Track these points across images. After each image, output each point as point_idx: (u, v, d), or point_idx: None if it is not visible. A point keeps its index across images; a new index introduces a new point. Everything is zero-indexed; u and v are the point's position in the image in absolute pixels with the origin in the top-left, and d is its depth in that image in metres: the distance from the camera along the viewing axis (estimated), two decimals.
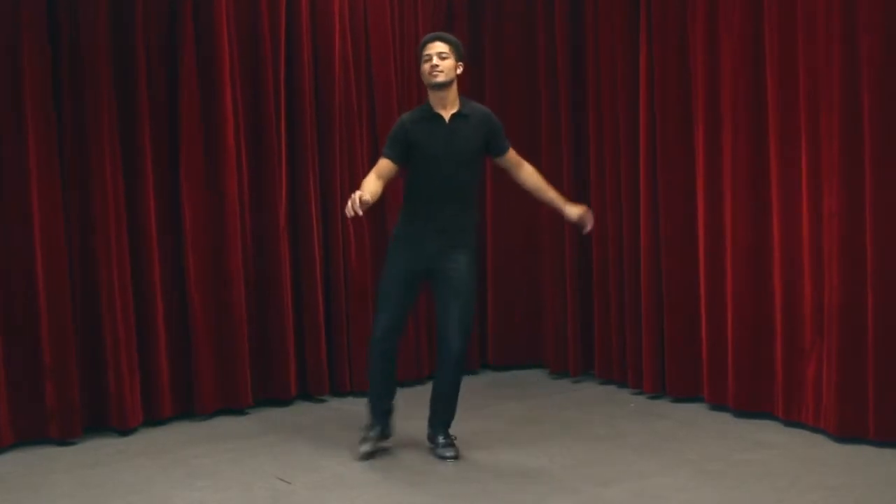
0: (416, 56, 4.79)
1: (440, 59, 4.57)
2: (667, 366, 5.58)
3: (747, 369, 5.14)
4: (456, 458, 4.67)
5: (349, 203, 4.28)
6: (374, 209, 5.98)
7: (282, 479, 4.47)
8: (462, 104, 4.65)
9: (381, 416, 4.83)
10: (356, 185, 5.85)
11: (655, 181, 5.57)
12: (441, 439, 4.75)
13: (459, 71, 4.65)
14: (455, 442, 4.75)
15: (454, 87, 4.62)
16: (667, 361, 5.58)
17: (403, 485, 4.37)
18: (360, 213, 4.29)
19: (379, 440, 4.81)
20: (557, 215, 6.11)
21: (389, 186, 4.76)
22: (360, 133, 5.95)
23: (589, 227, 4.89)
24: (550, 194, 4.89)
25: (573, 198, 6.01)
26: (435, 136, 4.59)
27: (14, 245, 5.00)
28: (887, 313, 4.56)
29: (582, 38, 6.02)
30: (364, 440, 4.79)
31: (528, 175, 4.86)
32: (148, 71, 5.29)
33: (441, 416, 4.79)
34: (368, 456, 4.72)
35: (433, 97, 4.63)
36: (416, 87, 6.14)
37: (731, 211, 5.15)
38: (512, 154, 4.82)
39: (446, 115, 4.62)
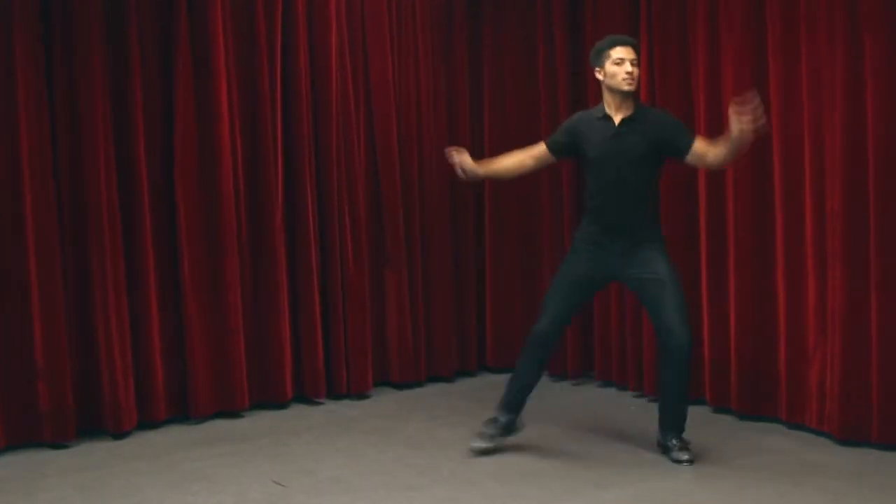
0: (594, 52, 4.64)
1: (633, 65, 4.55)
2: None
3: (750, 372, 5.11)
4: (691, 462, 4.51)
5: (456, 154, 4.60)
6: (373, 208, 6.01)
7: (278, 483, 4.45)
8: (636, 108, 4.60)
9: (516, 408, 4.79)
10: (354, 188, 5.88)
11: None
12: (674, 441, 4.60)
13: (639, 78, 4.64)
14: (690, 445, 4.59)
15: (636, 95, 4.65)
16: None
17: (402, 488, 4.34)
18: (460, 169, 4.58)
19: (498, 437, 4.77)
20: (556, 216, 6.14)
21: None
22: (357, 135, 5.92)
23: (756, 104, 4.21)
24: (728, 147, 4.36)
25: (572, 199, 6.04)
26: (601, 137, 4.58)
27: (6, 245, 4.97)
28: (891, 315, 4.53)
29: (582, 37, 5.99)
30: (481, 435, 4.76)
31: (716, 156, 4.44)
32: (142, 70, 5.26)
33: (673, 418, 4.62)
34: (482, 452, 4.71)
35: (611, 99, 4.58)
36: (415, 87, 6.12)
37: (733, 211, 5.12)
38: (698, 146, 4.48)
39: (617, 118, 4.58)
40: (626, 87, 4.52)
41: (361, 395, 5.91)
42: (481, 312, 6.46)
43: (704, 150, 4.49)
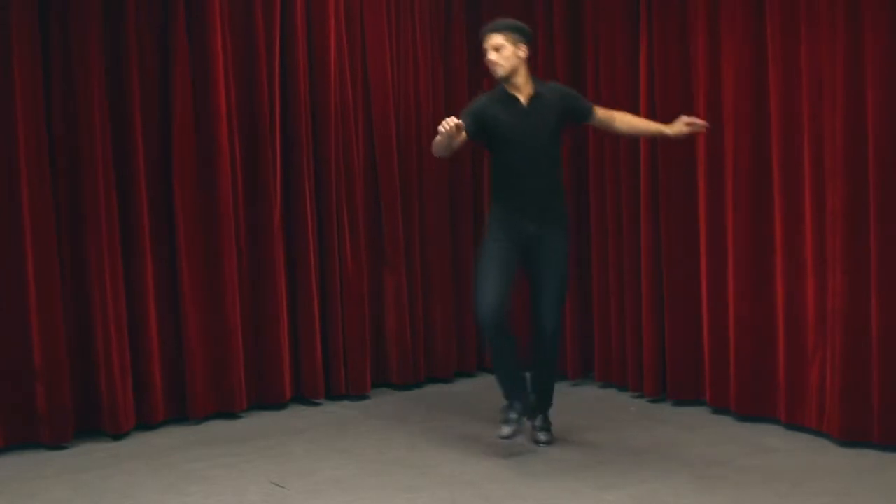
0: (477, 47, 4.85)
1: (495, 51, 4.62)
2: (668, 369, 5.54)
3: (749, 372, 5.10)
4: (549, 443, 4.79)
5: (445, 123, 4.36)
6: (372, 209, 5.99)
7: (276, 484, 4.43)
8: (536, 84, 4.70)
9: (518, 395, 4.76)
10: (352, 188, 5.87)
11: (656, 181, 5.52)
12: (538, 421, 4.83)
13: (522, 54, 4.67)
14: (552, 428, 4.85)
15: (521, 71, 4.67)
16: (668, 364, 5.54)
17: (400, 489, 4.33)
18: (447, 128, 4.32)
19: (521, 418, 4.74)
20: None
21: None
22: (356, 135, 5.91)
23: (701, 123, 4.86)
24: (651, 128, 4.95)
25: (572, 199, 6.02)
26: (512, 118, 4.62)
27: (4, 246, 4.96)
28: (891, 315, 4.52)
29: (581, 37, 5.98)
30: (506, 421, 4.71)
31: (624, 121, 4.91)
32: (140, 70, 5.25)
33: (540, 402, 4.85)
34: (512, 436, 4.68)
35: (505, 84, 4.67)
36: (414, 87, 6.11)
37: (733, 211, 5.11)
38: (599, 112, 4.84)
39: (523, 97, 4.65)
40: (495, 75, 4.65)
41: (360, 396, 5.90)
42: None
43: (609, 115, 4.87)
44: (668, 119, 5.43)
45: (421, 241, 6.17)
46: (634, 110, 5.59)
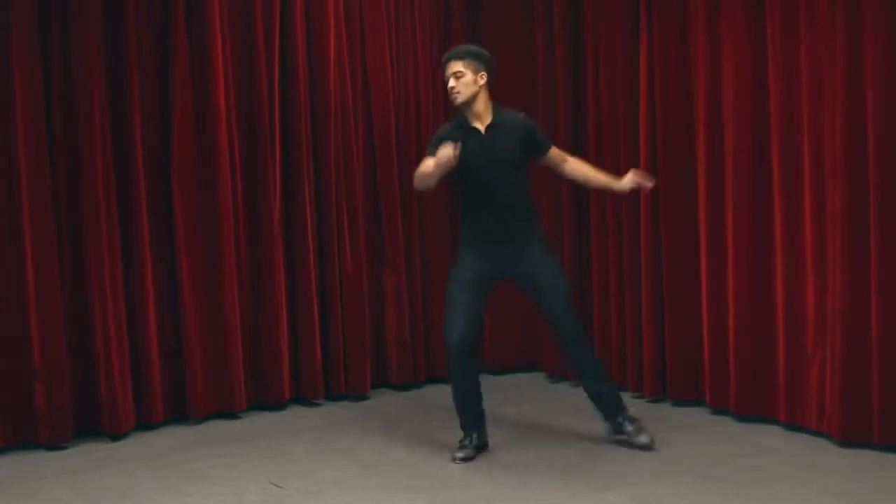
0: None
1: (456, 79, 4.60)
2: (667, 369, 5.54)
3: (749, 373, 5.09)
4: (649, 444, 4.72)
5: (447, 148, 4.36)
6: (371, 209, 5.99)
7: (276, 485, 4.43)
8: (495, 113, 4.65)
9: (473, 425, 4.78)
10: (352, 188, 5.87)
11: (656, 182, 5.50)
12: (628, 426, 4.77)
13: (482, 81, 4.62)
14: (643, 425, 4.80)
15: (481, 98, 4.62)
16: (667, 364, 5.53)
17: (400, 490, 4.33)
18: (449, 156, 4.35)
19: (478, 450, 4.75)
20: (555, 216, 6.12)
21: None
22: (355, 136, 5.91)
23: (649, 184, 4.86)
24: (601, 180, 4.90)
25: (572, 200, 6.02)
26: (474, 147, 4.57)
27: (4, 247, 4.96)
28: (891, 315, 4.51)
29: (581, 36, 5.98)
30: (462, 447, 4.74)
31: (574, 169, 4.88)
32: (140, 71, 5.26)
33: (612, 407, 4.80)
34: (465, 460, 4.68)
35: (466, 112, 4.65)
36: (413, 87, 6.10)
37: (733, 211, 5.11)
38: (554, 152, 4.83)
39: (482, 126, 4.62)
40: (455, 102, 4.64)
41: (360, 397, 5.90)
42: None
43: (561, 158, 4.83)
44: (667, 118, 5.45)
45: (421, 240, 6.17)
46: (634, 110, 5.60)
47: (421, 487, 4.34)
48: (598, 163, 5.87)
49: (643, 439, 4.74)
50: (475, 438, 4.76)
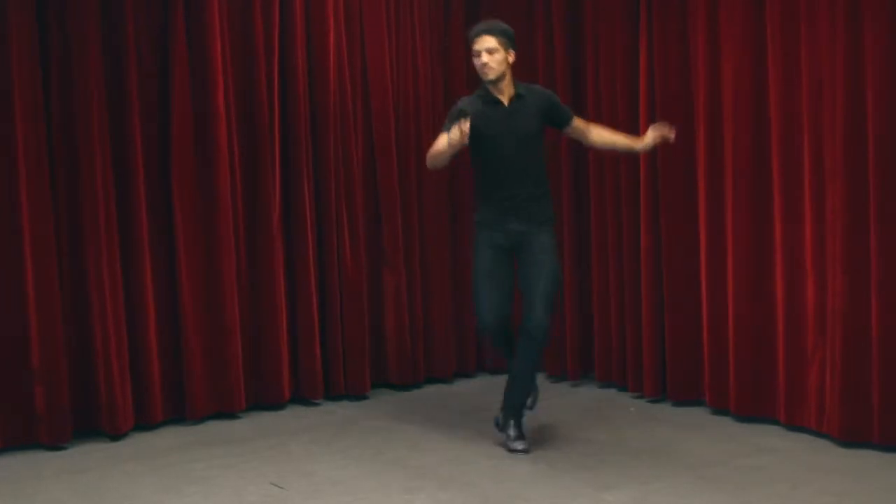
0: (466, 45, 4.82)
1: (489, 54, 4.64)
2: (667, 369, 5.53)
3: (749, 373, 5.09)
4: (527, 451, 4.70)
5: (457, 129, 4.38)
6: (371, 208, 5.98)
7: (275, 485, 4.42)
8: (517, 86, 4.73)
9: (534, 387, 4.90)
10: (352, 187, 5.86)
11: (656, 181, 5.51)
12: (511, 431, 4.76)
13: (511, 60, 4.70)
14: (526, 433, 4.78)
15: (508, 75, 4.69)
16: (667, 365, 5.53)
17: (400, 490, 4.32)
18: (461, 135, 4.38)
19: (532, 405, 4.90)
20: (555, 216, 6.10)
21: None
22: (354, 135, 5.90)
23: (671, 135, 4.85)
24: (624, 142, 4.96)
25: (572, 200, 6.02)
26: (494, 119, 4.65)
27: (2, 247, 4.95)
28: (891, 315, 4.51)
29: (581, 37, 5.97)
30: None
31: (598, 136, 4.94)
32: (139, 70, 5.25)
33: (513, 399, 4.79)
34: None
35: (489, 86, 4.69)
36: (413, 86, 6.10)
37: (733, 211, 5.10)
38: (578, 122, 4.89)
39: (505, 99, 4.69)
40: (484, 78, 4.67)
41: (359, 396, 5.89)
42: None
43: (585, 126, 4.92)
44: (667, 117, 5.43)
45: (420, 240, 6.16)
46: (634, 110, 5.59)
47: (420, 487, 4.34)
48: (598, 162, 5.90)
49: (520, 446, 4.72)
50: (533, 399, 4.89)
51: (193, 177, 5.37)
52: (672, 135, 4.86)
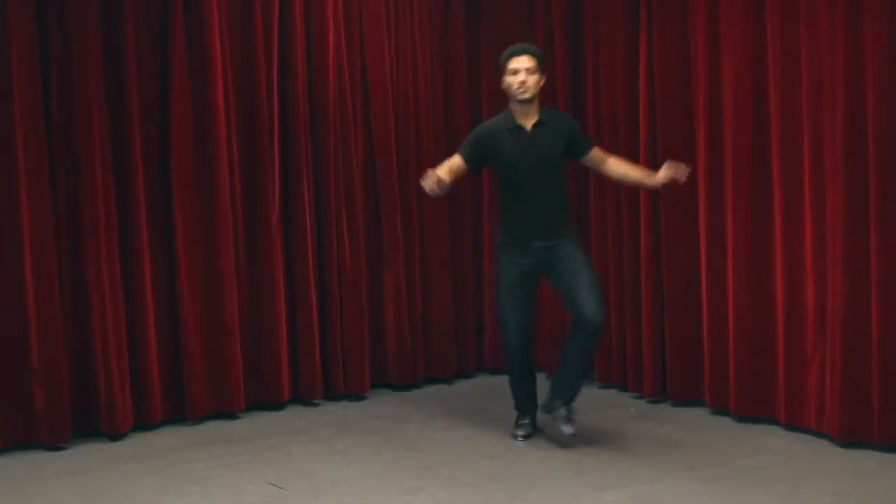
0: (498, 65, 4.81)
1: (527, 74, 4.67)
2: (667, 370, 5.53)
3: (749, 373, 5.09)
4: (574, 434, 4.78)
5: (428, 179, 4.47)
6: (370, 208, 5.98)
7: (275, 485, 4.42)
8: (541, 112, 4.75)
9: (527, 408, 5.02)
10: (351, 188, 5.85)
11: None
12: (563, 411, 4.82)
13: (542, 83, 4.74)
14: (575, 420, 4.83)
15: (537, 99, 4.72)
16: (667, 365, 5.53)
17: (400, 490, 4.32)
18: (437, 190, 4.47)
19: (534, 428, 4.99)
20: None
21: None
22: (354, 136, 5.90)
23: (683, 176, 4.80)
24: (638, 176, 4.95)
25: (573, 200, 6.01)
26: (517, 145, 4.69)
27: (2, 247, 4.94)
28: (891, 315, 4.51)
29: (581, 37, 5.97)
30: (520, 426, 4.98)
31: (614, 167, 4.95)
32: (138, 70, 5.24)
33: (566, 391, 4.85)
34: (526, 437, 4.92)
35: (517, 109, 4.73)
36: (413, 87, 6.10)
37: (733, 212, 5.10)
38: (596, 152, 4.92)
39: (528, 124, 4.71)
40: (519, 97, 4.68)
41: (359, 397, 5.89)
42: (479, 313, 6.43)
43: (602, 157, 4.90)
44: (667, 117, 5.45)
45: (420, 240, 6.16)
46: (634, 110, 5.59)
47: (420, 487, 4.33)
48: None
49: (570, 429, 4.80)
50: (530, 418, 4.98)
51: (193, 177, 5.37)
52: (684, 176, 4.81)
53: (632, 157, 5.59)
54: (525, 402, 5.02)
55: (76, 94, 5.05)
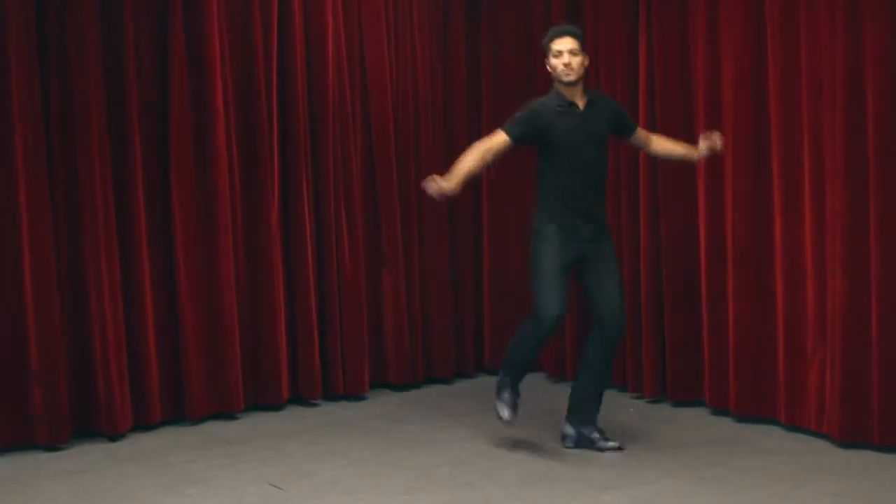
0: (541, 47, 4.78)
1: (571, 55, 4.65)
2: (667, 369, 5.53)
3: (749, 373, 5.08)
4: (622, 448, 4.72)
5: (432, 184, 4.52)
6: (370, 208, 5.98)
7: (274, 486, 4.42)
8: (589, 93, 4.78)
9: (516, 381, 4.86)
10: (350, 187, 5.84)
11: (655, 182, 5.51)
12: (596, 434, 4.78)
13: (586, 63, 4.72)
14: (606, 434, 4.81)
15: (582, 80, 4.71)
16: (667, 365, 5.52)
17: (399, 491, 4.31)
18: (438, 197, 4.57)
19: (517, 396, 4.86)
20: None
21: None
22: (353, 135, 5.89)
23: (718, 143, 4.82)
24: (682, 151, 4.96)
25: None
26: (572, 124, 4.66)
27: (2, 248, 4.94)
28: (891, 316, 4.51)
29: (581, 37, 5.95)
30: (513, 405, 4.82)
31: (658, 145, 4.98)
32: (137, 69, 5.24)
33: (594, 405, 4.82)
34: (512, 420, 4.80)
35: (564, 90, 4.70)
36: (412, 86, 6.09)
37: (733, 212, 5.10)
38: (641, 131, 4.97)
39: (580, 103, 4.70)
40: (565, 79, 4.66)
41: (358, 397, 5.88)
42: (479, 313, 6.43)
43: (647, 136, 4.96)
44: (666, 117, 5.44)
45: (420, 240, 6.15)
46: (634, 110, 5.58)
47: (420, 488, 4.33)
48: None
49: (611, 444, 4.75)
50: (515, 391, 4.85)
51: (192, 177, 5.37)
52: (720, 143, 4.81)
53: (632, 155, 5.61)
54: (518, 378, 4.87)
55: (76, 93, 5.04)
